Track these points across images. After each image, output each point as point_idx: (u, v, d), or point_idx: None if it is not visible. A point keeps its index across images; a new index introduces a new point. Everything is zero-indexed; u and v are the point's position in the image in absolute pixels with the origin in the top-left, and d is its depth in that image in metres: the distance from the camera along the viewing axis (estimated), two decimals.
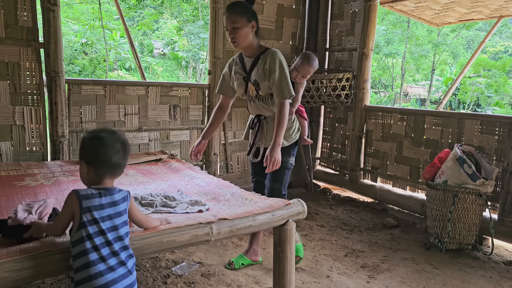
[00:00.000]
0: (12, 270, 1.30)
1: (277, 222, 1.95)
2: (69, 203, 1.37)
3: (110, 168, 1.44)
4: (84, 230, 1.33)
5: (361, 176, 4.39)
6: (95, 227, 1.34)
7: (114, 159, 1.43)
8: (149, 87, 3.83)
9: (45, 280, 2.37)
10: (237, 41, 2.38)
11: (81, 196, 1.36)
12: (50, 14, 3.13)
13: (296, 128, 2.65)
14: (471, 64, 5.44)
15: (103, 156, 1.42)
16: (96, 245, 1.33)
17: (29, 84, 3.21)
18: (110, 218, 1.39)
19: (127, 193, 1.49)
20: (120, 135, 1.49)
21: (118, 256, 1.37)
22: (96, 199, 1.37)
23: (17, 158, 3.20)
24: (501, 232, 3.11)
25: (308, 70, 2.65)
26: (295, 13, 4.60)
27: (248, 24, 2.36)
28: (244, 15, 2.34)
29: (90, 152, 1.44)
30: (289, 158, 2.61)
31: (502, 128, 3.22)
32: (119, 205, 1.43)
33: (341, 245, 3.19)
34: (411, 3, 4.14)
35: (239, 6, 2.36)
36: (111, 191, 1.42)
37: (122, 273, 1.37)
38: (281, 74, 2.37)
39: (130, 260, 1.42)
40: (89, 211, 1.35)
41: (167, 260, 2.76)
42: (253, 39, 2.43)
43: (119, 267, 1.36)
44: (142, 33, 18.69)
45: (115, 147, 1.44)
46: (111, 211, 1.39)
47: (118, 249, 1.38)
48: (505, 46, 19.60)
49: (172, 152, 3.53)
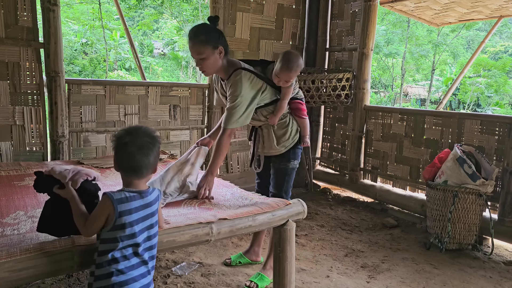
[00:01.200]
0: (12, 270, 1.30)
1: (277, 222, 1.95)
2: (104, 206, 1.37)
3: (132, 172, 1.43)
4: (116, 232, 1.35)
5: (361, 176, 4.39)
6: (130, 230, 1.36)
7: (134, 162, 1.41)
8: (149, 87, 3.83)
9: (45, 280, 2.37)
10: (206, 71, 2.23)
11: (115, 200, 1.36)
12: (50, 14, 3.13)
13: (293, 131, 2.47)
14: (471, 64, 5.44)
15: (124, 159, 1.42)
16: (125, 245, 1.36)
17: (29, 84, 3.21)
18: (141, 220, 1.40)
19: (159, 193, 1.51)
20: (144, 134, 1.45)
21: (141, 256, 1.40)
22: (130, 202, 1.38)
23: (17, 158, 3.20)
24: (501, 232, 3.11)
25: (288, 76, 2.28)
26: (295, 13, 4.59)
27: (215, 52, 2.16)
28: (208, 44, 2.13)
29: (115, 156, 1.45)
30: (289, 163, 2.49)
31: (502, 128, 3.22)
32: (151, 206, 1.44)
33: (341, 245, 3.19)
34: (411, 3, 4.14)
35: (202, 33, 2.13)
36: (143, 193, 1.43)
37: (142, 272, 1.39)
38: (231, 102, 2.23)
39: (151, 261, 1.44)
40: (123, 214, 1.36)
41: (167, 260, 2.76)
42: (223, 62, 2.25)
43: (140, 266, 1.39)
44: (142, 33, 18.70)
45: (134, 149, 1.41)
46: (142, 214, 1.40)
47: (142, 249, 1.40)
48: (505, 46, 19.61)
49: (172, 152, 3.53)
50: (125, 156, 1.41)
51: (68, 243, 1.43)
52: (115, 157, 1.45)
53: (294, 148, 2.49)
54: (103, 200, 1.37)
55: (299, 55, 2.38)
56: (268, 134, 2.46)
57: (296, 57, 2.31)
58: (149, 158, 1.44)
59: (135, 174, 1.43)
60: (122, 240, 1.35)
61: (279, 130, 2.45)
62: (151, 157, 1.45)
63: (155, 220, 1.46)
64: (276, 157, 2.52)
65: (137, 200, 1.40)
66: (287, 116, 2.46)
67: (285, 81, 2.31)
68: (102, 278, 1.33)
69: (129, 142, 1.41)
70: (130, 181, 1.44)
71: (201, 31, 2.14)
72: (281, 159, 2.48)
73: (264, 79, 2.32)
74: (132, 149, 1.41)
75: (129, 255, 1.37)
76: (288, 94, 2.38)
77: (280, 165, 2.49)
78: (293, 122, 2.47)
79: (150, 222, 1.43)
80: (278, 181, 2.51)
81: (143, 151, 1.42)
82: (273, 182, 2.54)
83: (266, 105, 2.37)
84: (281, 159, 2.48)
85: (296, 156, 2.52)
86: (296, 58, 2.31)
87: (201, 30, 2.15)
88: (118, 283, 1.33)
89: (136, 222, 1.38)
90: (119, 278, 1.33)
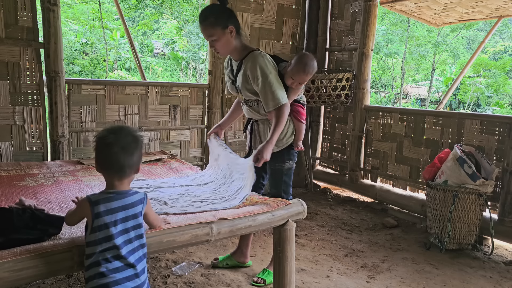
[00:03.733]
0: (12, 270, 1.30)
1: (277, 222, 1.95)
2: (82, 208, 1.39)
3: (114, 171, 1.41)
4: (95, 235, 1.35)
5: (361, 176, 4.39)
6: (105, 232, 1.35)
7: (119, 162, 1.40)
8: (149, 87, 3.83)
9: (45, 280, 2.37)
10: (220, 52, 2.26)
11: (93, 202, 1.36)
12: (50, 14, 3.14)
13: (288, 133, 2.42)
14: (471, 64, 5.44)
15: (106, 159, 1.41)
16: (104, 249, 1.34)
17: (29, 84, 3.21)
18: (121, 221, 1.38)
19: (143, 196, 1.47)
20: (127, 133, 1.44)
21: (125, 259, 1.37)
22: (107, 204, 1.37)
23: (17, 158, 3.20)
24: (501, 232, 3.11)
25: (303, 78, 2.30)
26: (295, 13, 4.60)
27: (225, 31, 2.18)
28: (218, 25, 2.15)
29: (96, 154, 1.43)
30: (284, 164, 2.44)
31: (502, 128, 3.22)
32: (133, 208, 1.42)
33: (341, 245, 3.19)
34: (411, 3, 4.14)
35: (211, 15, 2.17)
36: (123, 195, 1.41)
37: (127, 275, 1.37)
38: (264, 83, 2.20)
39: (140, 264, 1.42)
40: (100, 216, 1.35)
41: (167, 260, 2.76)
42: (236, 42, 2.26)
43: (125, 269, 1.37)
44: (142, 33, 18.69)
45: (117, 149, 1.39)
46: (122, 215, 1.38)
47: (126, 252, 1.38)
48: (505, 46, 19.60)
49: (172, 152, 3.53)
50: (108, 156, 1.39)
51: (68, 243, 1.43)
52: (98, 157, 1.42)
53: (289, 149, 2.45)
54: (82, 201, 1.40)
55: (314, 58, 2.38)
56: (264, 130, 2.43)
57: (313, 61, 2.32)
58: (133, 158, 1.43)
59: (118, 174, 1.42)
60: (101, 242, 1.34)
61: None
62: (135, 157, 1.44)
63: (137, 223, 1.42)
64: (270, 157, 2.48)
65: (116, 201, 1.38)
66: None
67: (299, 83, 2.32)
68: (89, 280, 1.34)
69: (113, 142, 1.39)
70: (113, 182, 1.43)
71: (210, 13, 2.17)
72: (276, 160, 2.43)
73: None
74: (115, 149, 1.39)
75: (110, 258, 1.35)
76: (294, 95, 2.38)
77: (275, 166, 2.46)
78: (290, 124, 2.43)
79: (133, 224, 1.41)
80: (276, 181, 2.49)
81: (127, 150, 1.41)
82: (270, 182, 2.51)
83: None
84: (275, 160, 2.42)
85: (291, 156, 2.48)
86: (313, 61, 2.32)
87: (210, 12, 2.18)
88: (99, 285, 1.32)
89: (113, 224, 1.36)
90: (101, 281, 1.32)
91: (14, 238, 1.41)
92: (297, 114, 2.45)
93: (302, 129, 2.47)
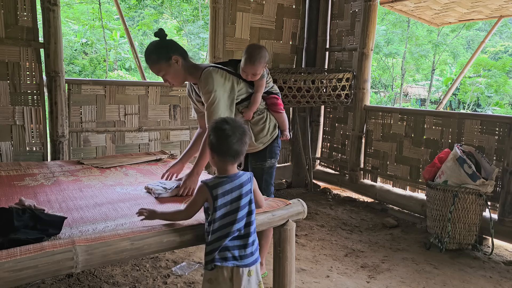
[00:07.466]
0: (12, 270, 1.30)
1: (277, 222, 1.95)
2: (202, 194, 1.63)
3: (231, 156, 1.65)
4: (215, 213, 1.59)
5: (361, 176, 4.39)
6: (223, 210, 1.60)
7: (235, 148, 1.63)
8: (149, 87, 3.83)
9: (45, 280, 2.37)
10: (174, 83, 2.25)
11: (210, 186, 1.61)
12: (50, 14, 3.14)
13: (270, 127, 2.43)
14: (471, 64, 5.44)
15: (227, 147, 1.63)
16: (223, 224, 1.59)
17: (29, 84, 3.21)
18: (235, 200, 1.62)
19: (250, 175, 1.71)
20: (240, 124, 1.68)
21: (239, 231, 1.62)
22: (223, 186, 1.61)
23: (17, 158, 3.20)
24: (501, 232, 3.11)
25: (253, 69, 2.26)
26: (295, 13, 4.60)
27: (171, 63, 2.16)
28: (161, 59, 2.14)
29: (214, 144, 1.65)
30: (265, 162, 2.44)
31: (502, 128, 3.22)
32: (244, 187, 1.64)
33: (341, 245, 3.19)
34: (411, 3, 4.14)
35: (152, 54, 2.16)
36: (234, 177, 1.65)
37: (238, 244, 1.62)
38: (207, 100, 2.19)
39: (250, 237, 1.65)
40: (217, 198, 1.59)
41: (167, 260, 2.76)
42: (186, 69, 2.23)
43: (237, 238, 1.62)
44: (142, 33, 18.68)
45: (235, 137, 1.63)
46: (235, 194, 1.62)
47: (241, 226, 1.62)
48: (505, 46, 19.58)
49: (172, 152, 3.53)
50: (229, 145, 1.63)
51: (68, 243, 1.43)
52: (216, 147, 1.65)
53: (271, 146, 2.45)
54: (200, 187, 1.64)
55: (262, 47, 2.37)
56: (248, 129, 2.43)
57: (258, 49, 2.30)
58: (245, 146, 1.70)
59: (233, 160, 1.66)
60: (220, 218, 1.59)
61: (256, 126, 2.40)
62: (247, 146, 1.71)
63: (248, 200, 1.65)
64: (252, 155, 2.48)
65: (229, 184, 1.62)
66: (264, 112, 2.43)
67: (252, 74, 2.29)
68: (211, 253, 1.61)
69: (231, 133, 1.64)
70: (226, 167, 1.66)
71: (150, 52, 2.17)
72: (257, 158, 2.43)
73: (236, 75, 2.31)
74: (234, 139, 1.64)
75: (230, 233, 1.59)
76: (261, 87, 2.37)
77: (256, 164, 2.45)
78: (270, 117, 2.44)
79: (244, 202, 1.63)
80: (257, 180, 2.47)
81: (242, 139, 1.67)
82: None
83: (242, 101, 2.35)
84: (257, 158, 2.42)
85: (273, 154, 2.47)
86: (258, 50, 2.30)
87: (150, 51, 2.17)
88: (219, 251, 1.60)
89: (227, 204, 1.60)
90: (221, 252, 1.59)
91: (14, 238, 1.42)
92: (273, 106, 2.45)
93: (284, 119, 2.50)
